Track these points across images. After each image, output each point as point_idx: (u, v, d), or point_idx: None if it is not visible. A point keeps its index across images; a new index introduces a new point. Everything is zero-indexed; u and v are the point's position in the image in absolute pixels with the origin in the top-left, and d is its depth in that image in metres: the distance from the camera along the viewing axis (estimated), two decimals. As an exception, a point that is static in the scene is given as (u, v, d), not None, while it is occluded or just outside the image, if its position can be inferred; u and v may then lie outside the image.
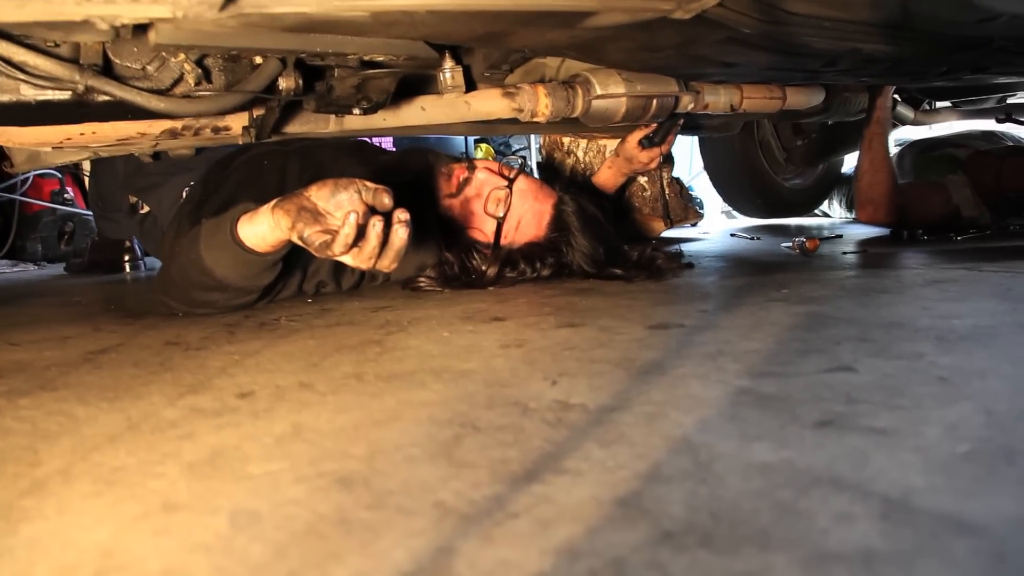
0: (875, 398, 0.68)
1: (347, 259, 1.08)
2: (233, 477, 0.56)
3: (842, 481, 0.50)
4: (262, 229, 1.15)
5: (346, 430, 0.65)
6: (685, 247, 2.35)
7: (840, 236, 2.55)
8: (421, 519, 0.47)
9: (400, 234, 1.08)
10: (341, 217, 1.07)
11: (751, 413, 0.65)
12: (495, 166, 1.67)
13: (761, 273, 1.65)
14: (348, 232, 1.03)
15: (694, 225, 3.06)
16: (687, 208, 2.64)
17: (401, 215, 1.09)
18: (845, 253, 2.02)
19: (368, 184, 1.12)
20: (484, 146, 4.13)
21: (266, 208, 1.15)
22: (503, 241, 1.62)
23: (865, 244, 2.29)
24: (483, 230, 1.62)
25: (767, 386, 0.73)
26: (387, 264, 1.09)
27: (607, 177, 2.13)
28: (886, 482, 0.50)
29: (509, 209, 1.60)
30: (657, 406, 0.68)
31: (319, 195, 1.11)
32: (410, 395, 0.75)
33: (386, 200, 1.10)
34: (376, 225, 1.06)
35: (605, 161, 2.16)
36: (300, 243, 1.10)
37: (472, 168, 1.65)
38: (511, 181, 1.62)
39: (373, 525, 0.47)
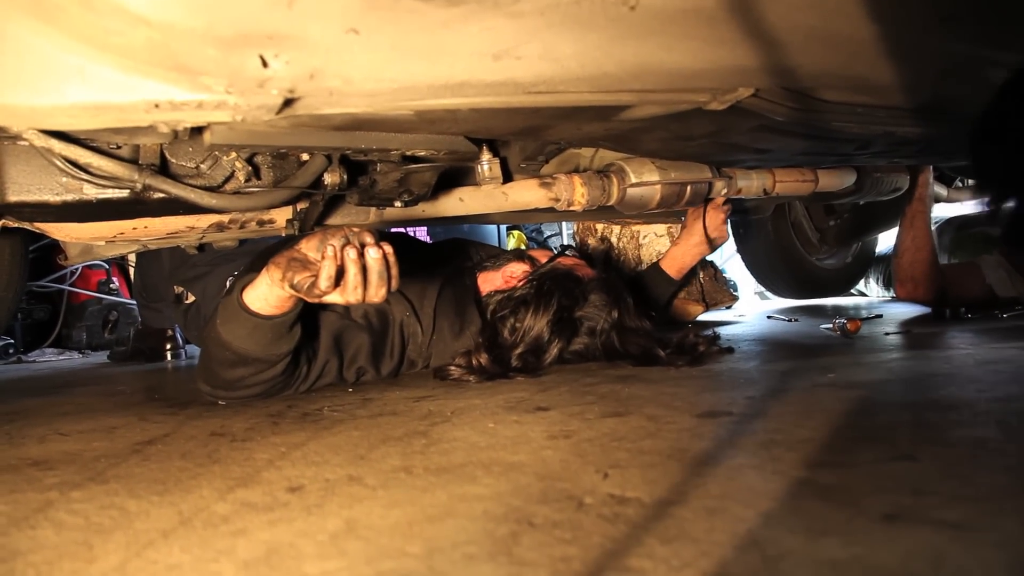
0: (942, 489, 0.66)
1: (336, 297, 1.10)
2: (290, 576, 0.55)
3: (921, 581, 0.48)
4: (262, 290, 1.18)
5: (400, 526, 0.64)
6: (723, 330, 2.33)
7: (880, 316, 2.51)
8: (486, 623, 0.46)
9: (372, 255, 1.10)
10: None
11: (814, 506, 0.64)
12: (544, 254, 1.74)
13: (804, 357, 1.63)
14: (328, 264, 1.07)
15: (729, 307, 3.05)
16: (722, 291, 2.64)
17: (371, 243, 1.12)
18: (888, 334, 1.98)
19: (355, 229, 1.15)
20: (517, 233, 4.20)
21: (264, 270, 1.18)
22: None
23: (908, 324, 2.25)
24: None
25: (827, 477, 0.71)
26: (374, 293, 1.11)
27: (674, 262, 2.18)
28: (968, 582, 0.48)
29: None
30: (716, 499, 0.66)
31: (308, 246, 1.16)
32: (462, 489, 0.74)
33: (367, 239, 1.13)
34: (350, 252, 1.08)
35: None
36: (293, 292, 1.13)
37: (527, 259, 1.72)
38: (556, 256, 1.73)
39: (437, 629, 0.46)
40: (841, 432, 0.89)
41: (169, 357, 2.48)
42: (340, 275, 1.10)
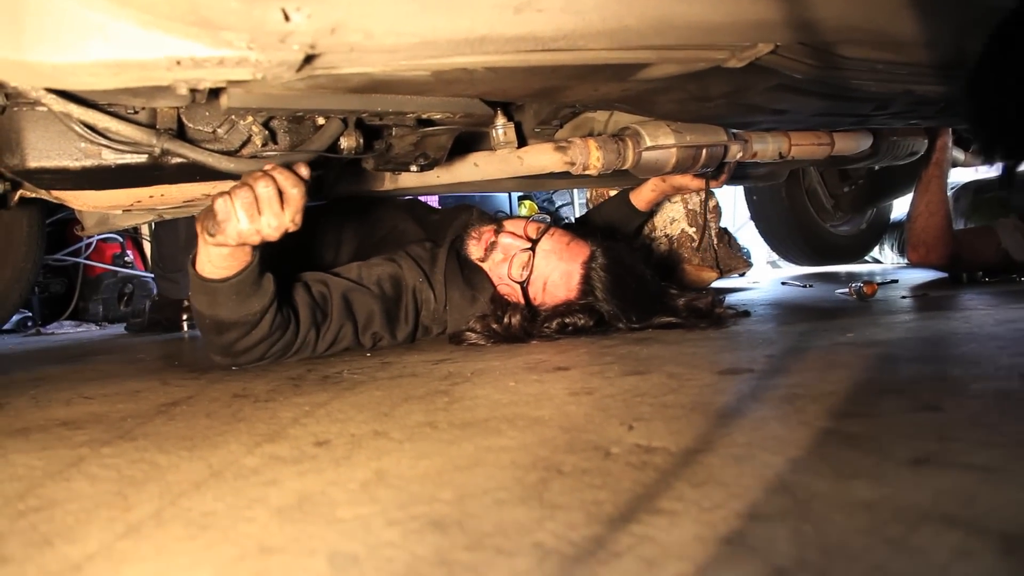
0: (968, 436, 0.66)
1: (244, 223, 1.12)
2: (324, 520, 0.56)
3: (953, 518, 0.48)
4: (203, 252, 1.21)
5: (430, 475, 0.65)
6: (738, 296, 2.33)
7: (896, 281, 2.50)
8: (523, 559, 0.47)
9: (261, 185, 1.11)
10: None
11: (841, 452, 0.64)
12: (520, 227, 1.64)
13: (821, 318, 1.63)
14: (219, 201, 1.10)
15: (742, 275, 3.04)
16: (736, 257, 2.63)
17: None
18: (904, 297, 1.98)
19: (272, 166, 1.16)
20: (528, 202, 4.18)
21: None
22: (533, 302, 1.60)
23: (924, 288, 2.24)
24: (514, 292, 1.60)
25: (852, 426, 0.72)
26: (267, 210, 1.13)
27: (646, 193, 2.05)
28: (1000, 518, 0.48)
29: (532, 272, 1.57)
30: (742, 448, 0.67)
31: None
32: (488, 441, 0.75)
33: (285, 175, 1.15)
34: (241, 186, 1.11)
35: (647, 183, 2.06)
36: (209, 238, 1.15)
37: (499, 231, 1.63)
38: (535, 243, 1.59)
39: (475, 566, 0.46)
40: (863, 386, 0.89)
41: (186, 328, 2.50)
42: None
